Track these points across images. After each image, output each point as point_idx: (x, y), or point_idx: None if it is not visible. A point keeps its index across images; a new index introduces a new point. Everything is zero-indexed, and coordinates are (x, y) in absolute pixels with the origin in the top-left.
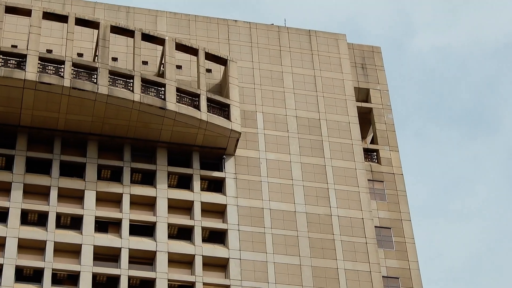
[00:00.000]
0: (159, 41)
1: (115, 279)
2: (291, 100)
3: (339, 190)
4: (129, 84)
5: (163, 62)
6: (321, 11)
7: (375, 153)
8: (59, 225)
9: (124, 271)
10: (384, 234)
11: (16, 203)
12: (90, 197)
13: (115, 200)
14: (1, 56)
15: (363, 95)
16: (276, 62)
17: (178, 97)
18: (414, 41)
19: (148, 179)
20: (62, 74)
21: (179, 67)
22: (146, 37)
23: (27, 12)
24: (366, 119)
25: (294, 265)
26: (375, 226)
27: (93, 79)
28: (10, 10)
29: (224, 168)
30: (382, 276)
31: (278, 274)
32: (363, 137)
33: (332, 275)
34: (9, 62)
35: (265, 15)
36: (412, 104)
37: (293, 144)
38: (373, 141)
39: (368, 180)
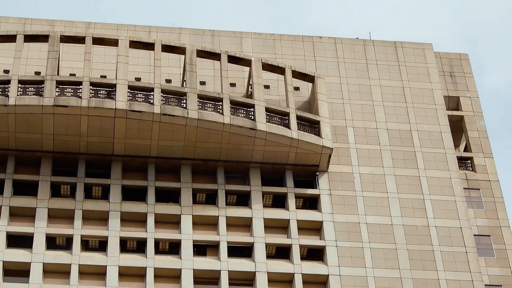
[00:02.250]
0: (246, 62)
1: None
2: (381, 113)
3: (435, 200)
4: (218, 107)
5: (250, 83)
6: (403, 22)
7: (469, 161)
8: (158, 251)
9: None
10: (483, 242)
11: (114, 231)
12: (186, 222)
13: (211, 223)
14: (91, 87)
15: (453, 103)
16: (364, 75)
17: (267, 117)
18: (495, 45)
19: (243, 200)
20: (152, 101)
21: (267, 86)
22: (233, 59)
23: (114, 42)
24: (457, 127)
25: (395, 278)
26: (474, 235)
27: (182, 104)
28: (98, 41)
29: (318, 185)
30: (485, 285)
31: None
32: (456, 145)
33: (434, 287)
34: (99, 92)
35: (348, 30)
36: (503, 109)
37: (385, 156)
38: (466, 149)
39: (464, 188)
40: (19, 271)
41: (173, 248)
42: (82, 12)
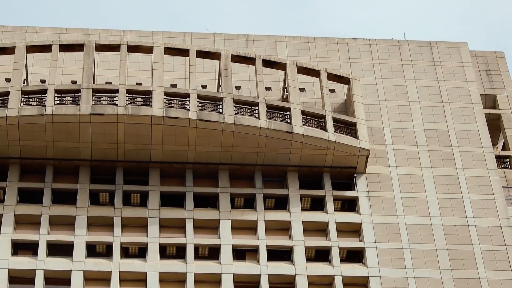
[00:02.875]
0: (281, 65)
1: None
2: (417, 113)
3: (474, 200)
4: (254, 111)
5: (286, 86)
6: (437, 21)
7: (507, 159)
8: (198, 256)
9: None
10: None
11: (153, 238)
12: (225, 226)
13: (250, 227)
14: (127, 95)
15: (490, 101)
16: (399, 76)
17: (304, 120)
18: None
19: (281, 203)
20: (188, 107)
21: (302, 90)
22: (267, 63)
23: (149, 49)
24: (495, 125)
25: (435, 279)
26: None
27: (218, 109)
28: (133, 48)
29: (356, 186)
30: None
31: None
32: (494, 144)
33: (475, 286)
34: (135, 99)
35: (382, 31)
36: None
37: (423, 157)
38: (504, 147)
39: (503, 187)
40: (60, 279)
41: (213, 253)
42: (117, 20)
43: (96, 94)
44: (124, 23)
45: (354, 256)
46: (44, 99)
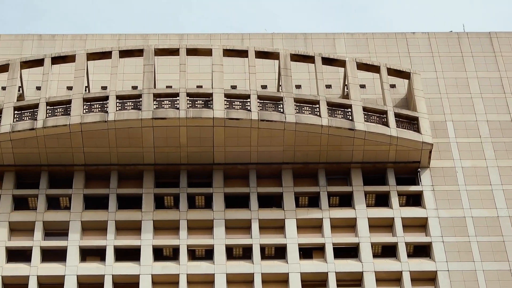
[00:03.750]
0: (340, 63)
1: None
2: (479, 105)
3: None
4: (315, 110)
5: (346, 83)
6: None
7: None
8: (264, 256)
9: None
10: None
11: (219, 239)
12: (291, 226)
13: (315, 226)
14: (188, 98)
15: None
16: (460, 68)
17: (365, 116)
18: None
19: (346, 201)
20: (249, 108)
21: (362, 86)
22: (327, 61)
23: (207, 52)
24: None
25: (504, 271)
26: None
27: (279, 109)
28: (192, 52)
29: (421, 181)
30: None
31: (489, 281)
32: None
33: None
34: (196, 102)
35: (441, 23)
36: None
37: (487, 149)
38: None
39: None
40: (128, 284)
41: (279, 252)
42: (175, 24)
43: (157, 99)
44: (182, 27)
45: (421, 251)
46: (106, 106)
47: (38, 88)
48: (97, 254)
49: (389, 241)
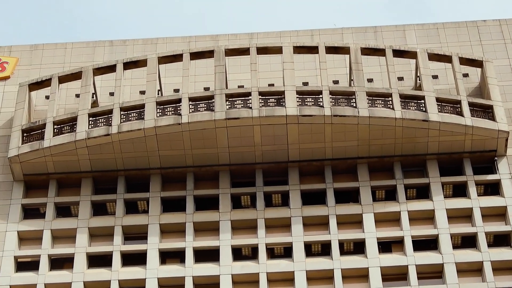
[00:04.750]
0: (411, 54)
1: None
2: None
3: None
4: (388, 103)
5: (418, 74)
6: None
7: None
8: (343, 251)
9: None
10: None
11: (298, 237)
12: (369, 220)
13: (393, 219)
14: (260, 97)
15: None
16: None
17: (439, 107)
18: None
19: (423, 193)
20: (321, 104)
21: (435, 77)
22: (398, 53)
23: (278, 50)
24: None
25: None
26: None
27: (352, 104)
28: (262, 50)
29: (498, 169)
30: None
31: None
32: None
33: None
34: (268, 101)
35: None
36: None
37: None
38: None
39: None
40: (209, 285)
41: (358, 247)
42: (244, 23)
43: (230, 99)
44: (251, 25)
45: (502, 240)
46: (179, 108)
47: (112, 94)
48: (176, 256)
49: (469, 232)
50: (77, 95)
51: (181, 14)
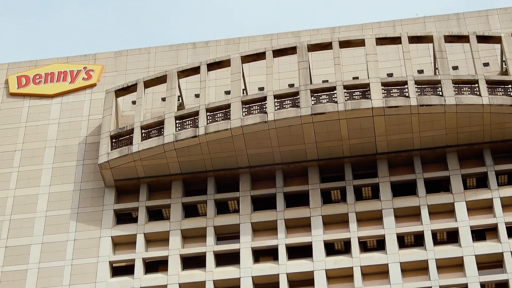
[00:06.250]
0: (495, 39)
1: (503, 284)
2: None
3: None
4: (475, 89)
5: (504, 59)
6: None
7: None
8: (436, 242)
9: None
10: None
11: (390, 229)
12: (461, 209)
13: (486, 206)
14: (345, 90)
15: None
16: None
17: None
18: None
19: None
20: (407, 94)
21: None
22: (482, 39)
23: (360, 43)
24: None
25: None
26: None
27: (438, 92)
28: (344, 44)
29: None
30: None
31: None
32: None
33: None
34: (353, 94)
35: None
36: None
37: None
38: None
39: None
40: (303, 281)
41: (451, 237)
42: (325, 17)
43: (315, 94)
44: (333, 20)
45: None
46: (264, 106)
47: (197, 96)
48: (269, 254)
49: None
50: (163, 99)
51: (261, 12)
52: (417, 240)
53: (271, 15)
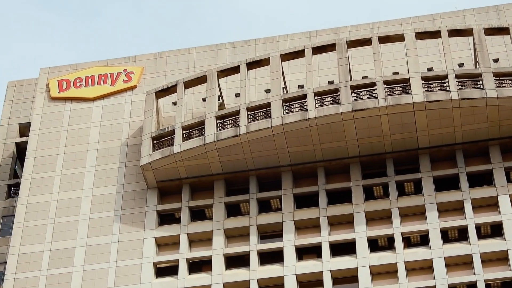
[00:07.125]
0: None
1: None
2: None
3: None
4: None
5: None
6: None
7: None
8: (480, 236)
9: None
10: None
11: (433, 223)
12: (505, 202)
13: None
14: (385, 86)
15: None
16: None
17: None
18: None
19: None
20: (447, 88)
21: None
22: None
23: (400, 38)
24: None
25: None
26: None
27: (479, 85)
28: (384, 39)
29: None
30: None
31: None
32: None
33: None
34: (394, 89)
35: None
36: None
37: None
38: None
39: None
40: (347, 278)
41: (495, 230)
42: (364, 14)
43: (355, 90)
44: (372, 15)
45: None
46: (305, 104)
47: (237, 95)
48: (313, 251)
49: None
50: (203, 99)
51: (300, 10)
52: (461, 234)
53: (309, 12)
